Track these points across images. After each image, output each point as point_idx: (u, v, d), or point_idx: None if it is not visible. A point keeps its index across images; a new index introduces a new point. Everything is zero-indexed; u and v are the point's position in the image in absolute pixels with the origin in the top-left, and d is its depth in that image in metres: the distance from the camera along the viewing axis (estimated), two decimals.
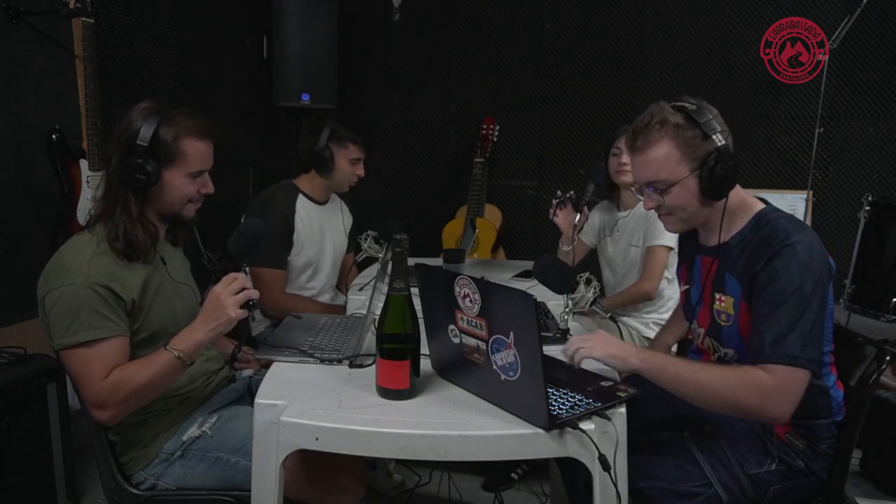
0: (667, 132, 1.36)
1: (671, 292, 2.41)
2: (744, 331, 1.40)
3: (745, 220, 1.42)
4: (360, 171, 2.38)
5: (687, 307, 1.61)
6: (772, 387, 1.26)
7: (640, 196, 1.50)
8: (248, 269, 1.43)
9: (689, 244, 1.61)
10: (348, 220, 2.57)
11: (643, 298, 2.37)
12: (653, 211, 2.43)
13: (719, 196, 1.38)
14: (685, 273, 1.63)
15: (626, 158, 2.37)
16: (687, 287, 1.61)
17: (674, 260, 2.32)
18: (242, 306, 1.37)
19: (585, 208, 2.19)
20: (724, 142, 1.35)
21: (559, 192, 2.26)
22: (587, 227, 2.62)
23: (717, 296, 1.45)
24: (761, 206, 1.43)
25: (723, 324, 1.44)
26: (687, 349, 1.73)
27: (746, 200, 1.44)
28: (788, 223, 1.35)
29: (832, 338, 1.42)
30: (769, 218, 1.39)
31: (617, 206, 2.52)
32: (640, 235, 2.37)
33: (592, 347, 1.35)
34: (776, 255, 1.30)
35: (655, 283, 2.32)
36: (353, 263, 2.50)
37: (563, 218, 2.28)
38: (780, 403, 1.27)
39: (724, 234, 1.43)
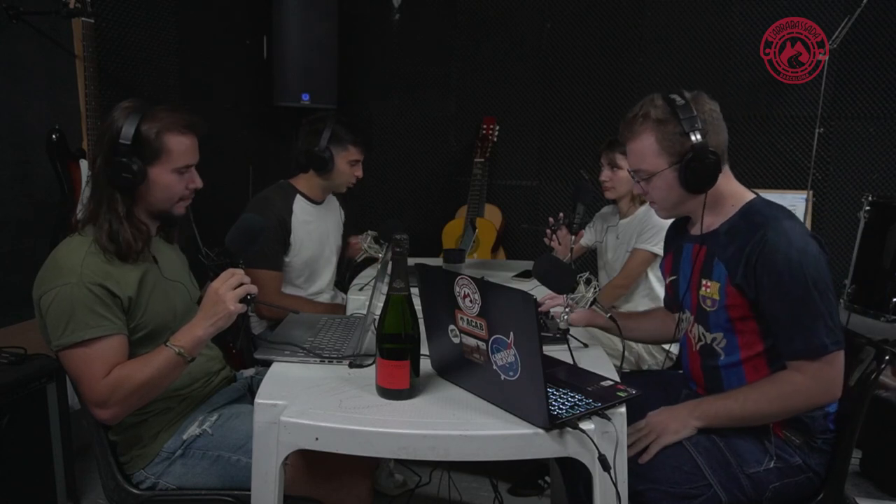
0: (648, 126, 1.42)
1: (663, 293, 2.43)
2: (733, 314, 1.41)
3: (736, 209, 1.46)
4: (359, 173, 2.40)
5: (674, 298, 1.64)
6: (811, 384, 1.33)
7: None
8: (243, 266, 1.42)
9: (677, 234, 1.65)
10: (343, 215, 2.62)
11: (617, 294, 2.43)
12: (647, 216, 2.43)
13: (699, 190, 1.43)
14: (670, 264, 1.65)
15: (604, 175, 2.41)
16: (674, 278, 1.63)
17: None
18: (241, 301, 1.37)
19: (582, 231, 2.18)
20: (701, 139, 1.38)
21: (551, 220, 2.25)
22: (586, 226, 2.64)
23: (704, 282, 1.48)
24: (752, 196, 1.47)
25: (708, 309, 1.46)
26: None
27: (738, 191, 1.48)
28: (777, 210, 1.40)
29: None
30: (758, 207, 1.43)
31: (618, 212, 2.53)
32: (634, 240, 2.39)
33: (659, 437, 1.39)
34: (766, 242, 1.32)
35: (630, 280, 2.40)
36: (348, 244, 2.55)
37: (557, 243, 2.27)
38: (827, 391, 1.34)
39: (714, 222, 1.47)
